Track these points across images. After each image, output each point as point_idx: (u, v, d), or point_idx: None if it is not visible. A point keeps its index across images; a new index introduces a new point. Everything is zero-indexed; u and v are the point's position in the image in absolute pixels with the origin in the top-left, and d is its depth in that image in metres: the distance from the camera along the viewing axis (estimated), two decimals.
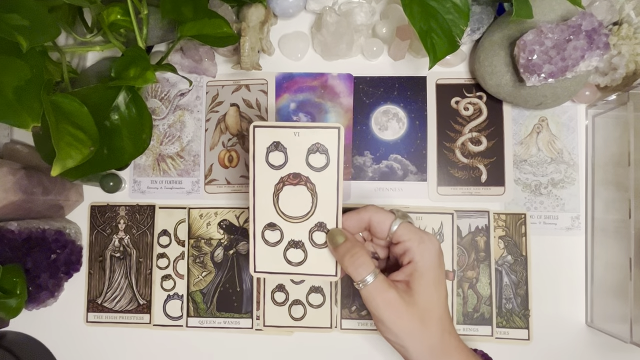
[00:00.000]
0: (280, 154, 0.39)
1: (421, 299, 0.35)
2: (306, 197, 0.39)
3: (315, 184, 0.39)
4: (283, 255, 0.40)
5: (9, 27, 0.31)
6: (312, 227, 0.40)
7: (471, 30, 0.47)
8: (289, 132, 0.39)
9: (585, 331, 0.48)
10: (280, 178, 0.39)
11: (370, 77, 0.51)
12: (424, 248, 0.36)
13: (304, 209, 0.40)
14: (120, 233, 0.52)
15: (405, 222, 0.37)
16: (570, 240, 0.49)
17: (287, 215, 0.40)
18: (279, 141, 0.39)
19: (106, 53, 0.51)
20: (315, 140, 0.39)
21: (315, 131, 0.38)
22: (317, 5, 0.50)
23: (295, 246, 0.40)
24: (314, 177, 0.39)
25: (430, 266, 0.36)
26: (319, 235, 0.39)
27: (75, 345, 0.51)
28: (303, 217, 0.40)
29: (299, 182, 0.39)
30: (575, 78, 0.44)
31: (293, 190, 0.39)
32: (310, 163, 0.39)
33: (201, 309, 0.50)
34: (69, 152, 0.34)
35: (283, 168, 0.39)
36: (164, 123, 0.52)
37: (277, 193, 0.40)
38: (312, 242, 0.40)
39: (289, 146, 0.39)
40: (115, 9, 0.43)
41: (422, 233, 0.37)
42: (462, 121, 0.50)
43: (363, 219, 0.38)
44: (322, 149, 0.39)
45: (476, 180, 0.50)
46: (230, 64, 0.52)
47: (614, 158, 0.46)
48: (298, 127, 0.38)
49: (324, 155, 0.39)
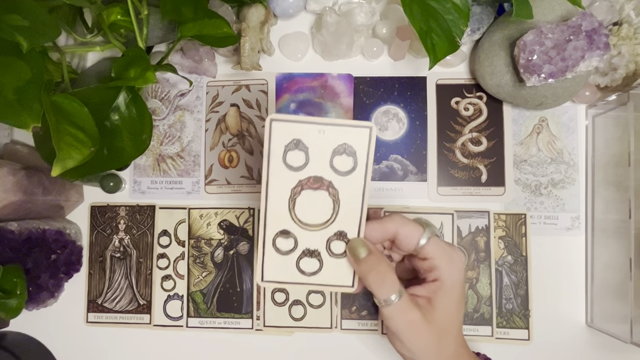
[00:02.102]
0: (301, 154, 0.34)
1: (442, 316, 0.34)
2: (327, 204, 0.35)
3: (339, 190, 0.34)
4: (296, 264, 0.36)
5: (9, 28, 0.31)
6: (331, 236, 0.35)
7: (471, 31, 0.47)
8: (312, 129, 0.33)
9: (586, 331, 0.48)
10: (299, 181, 0.34)
11: (371, 77, 0.51)
12: (452, 267, 0.34)
13: (324, 217, 0.35)
14: (120, 233, 0.52)
15: (434, 237, 0.34)
16: (571, 241, 0.49)
17: (304, 222, 0.35)
18: (300, 139, 0.33)
19: (106, 53, 0.51)
20: (342, 140, 0.33)
21: (344, 129, 0.33)
22: (317, 5, 0.50)
23: (310, 255, 0.36)
24: (337, 182, 0.34)
25: (456, 285, 0.34)
26: (338, 245, 0.35)
27: (76, 345, 0.51)
28: (322, 225, 0.35)
29: (320, 187, 0.34)
30: (575, 78, 0.44)
31: (312, 195, 0.35)
32: (335, 166, 0.34)
33: (201, 309, 0.50)
34: (69, 152, 0.34)
35: (303, 170, 0.34)
36: (164, 123, 0.52)
37: (294, 197, 0.35)
38: (330, 252, 0.36)
39: (312, 145, 0.34)
40: (116, 9, 0.43)
41: (451, 250, 0.35)
42: (462, 121, 0.50)
43: (388, 230, 0.35)
44: (349, 150, 0.34)
45: (476, 181, 0.50)
46: (231, 64, 0.52)
47: (614, 158, 0.46)
48: (324, 124, 0.33)
49: (352, 158, 0.34)
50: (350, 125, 0.33)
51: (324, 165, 0.34)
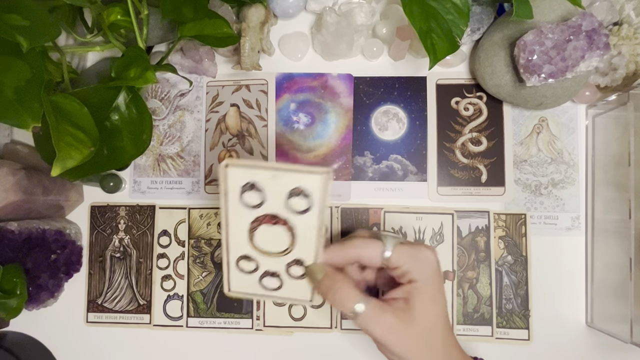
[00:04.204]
0: (257, 194, 0.34)
1: (421, 315, 0.34)
2: (284, 237, 0.36)
3: (295, 226, 0.35)
4: (259, 281, 0.38)
5: (9, 28, 0.31)
6: (290, 262, 0.37)
7: (471, 31, 0.47)
8: (266, 174, 0.33)
9: (586, 331, 0.48)
10: (257, 217, 0.35)
11: (371, 77, 0.51)
12: (420, 266, 0.35)
13: (282, 247, 0.36)
14: (120, 233, 0.52)
15: (397, 246, 0.35)
16: (571, 241, 0.49)
17: (263, 250, 0.37)
18: (255, 182, 0.34)
19: (106, 53, 0.51)
20: (297, 184, 0.33)
21: (298, 175, 0.33)
22: (317, 5, 0.50)
23: (272, 275, 0.38)
24: (293, 219, 0.35)
25: (428, 281, 0.35)
26: (297, 269, 0.37)
27: (76, 345, 0.51)
28: (280, 253, 0.36)
29: (277, 223, 0.35)
30: (575, 78, 0.44)
31: (270, 229, 0.35)
32: (291, 206, 0.34)
33: (201, 309, 0.50)
34: (69, 152, 0.34)
35: (260, 208, 0.35)
36: (164, 123, 0.52)
37: (252, 231, 0.36)
38: (289, 275, 0.38)
39: (267, 187, 0.34)
40: (116, 9, 0.43)
41: (415, 251, 0.35)
42: (462, 121, 0.50)
43: (349, 255, 0.36)
44: (304, 193, 0.33)
45: (476, 181, 0.50)
46: (231, 64, 0.52)
47: (614, 158, 0.46)
48: (278, 169, 0.33)
49: (307, 200, 0.34)
50: (305, 172, 0.32)
51: (280, 205, 0.34)
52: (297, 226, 0.35)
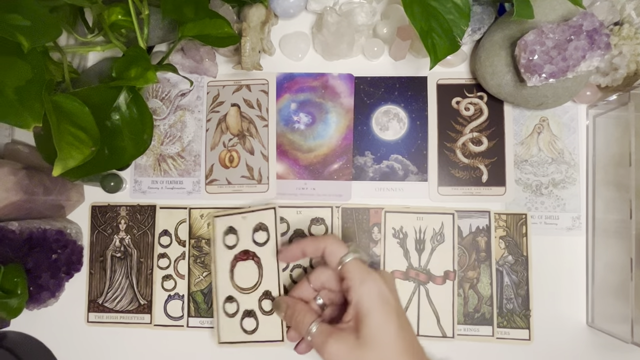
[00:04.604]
0: (234, 236, 0.47)
1: (373, 338, 0.35)
2: (254, 270, 0.46)
3: (260, 257, 0.46)
4: (240, 325, 0.46)
5: (10, 27, 0.31)
6: (261, 296, 0.46)
7: (472, 31, 0.47)
8: (238, 217, 0.47)
9: (586, 331, 0.48)
10: (235, 256, 0.47)
11: (371, 77, 0.51)
12: (363, 290, 0.37)
13: (253, 281, 0.46)
14: (121, 233, 0.52)
15: (356, 259, 0.39)
16: (571, 241, 0.49)
17: (241, 287, 0.46)
18: (231, 226, 0.47)
19: (107, 53, 0.51)
20: (258, 220, 0.46)
21: (257, 213, 0.47)
22: (318, 5, 0.50)
23: (249, 315, 0.46)
24: (258, 252, 0.46)
25: (373, 308, 0.36)
26: (267, 303, 0.46)
27: (76, 345, 0.51)
28: (253, 287, 0.46)
29: (247, 258, 0.46)
30: (576, 78, 0.44)
31: (244, 264, 0.46)
32: (255, 240, 0.46)
33: (202, 309, 0.50)
34: (70, 152, 0.34)
35: (236, 247, 0.47)
36: (164, 123, 0.52)
37: (232, 269, 0.47)
38: (262, 310, 0.46)
39: (240, 228, 0.47)
40: (117, 9, 0.43)
41: (365, 273, 0.38)
42: (462, 121, 0.50)
43: (319, 246, 0.41)
44: (264, 227, 0.46)
45: (477, 181, 0.50)
46: (231, 64, 0.52)
47: (614, 158, 0.46)
48: (245, 212, 0.47)
49: (266, 232, 0.46)
50: (261, 209, 0.47)
51: (248, 240, 0.47)
52: (262, 257, 0.46)
